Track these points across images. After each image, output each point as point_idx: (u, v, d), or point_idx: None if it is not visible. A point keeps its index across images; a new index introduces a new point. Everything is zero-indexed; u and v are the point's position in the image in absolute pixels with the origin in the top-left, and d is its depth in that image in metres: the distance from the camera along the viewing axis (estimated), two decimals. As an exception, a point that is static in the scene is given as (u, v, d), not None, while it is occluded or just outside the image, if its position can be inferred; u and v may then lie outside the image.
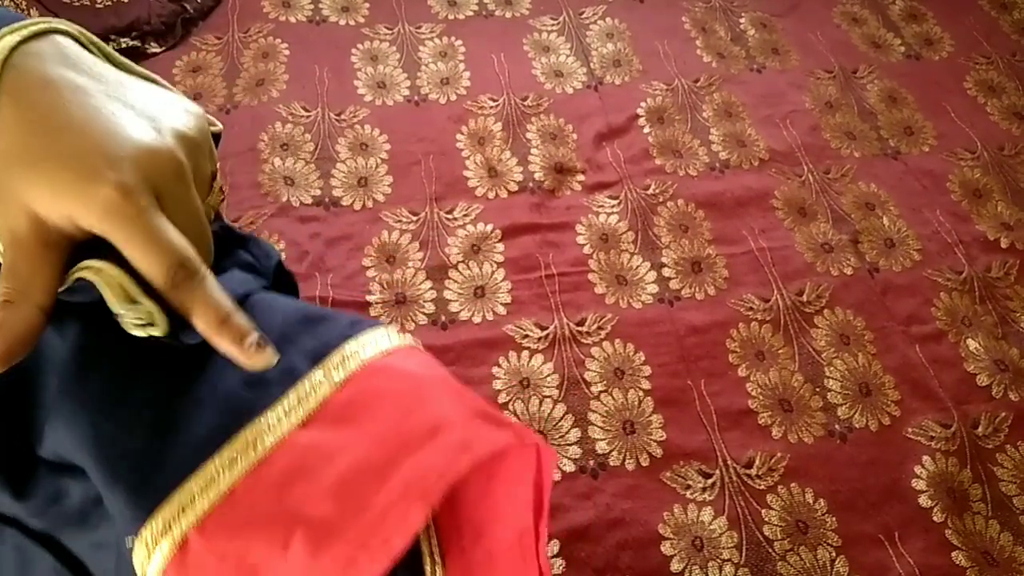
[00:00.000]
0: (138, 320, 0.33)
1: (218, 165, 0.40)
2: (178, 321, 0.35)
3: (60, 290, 0.33)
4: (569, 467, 0.90)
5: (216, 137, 0.39)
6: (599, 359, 0.99)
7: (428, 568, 0.44)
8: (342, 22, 1.37)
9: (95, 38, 0.37)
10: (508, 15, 1.41)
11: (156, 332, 0.33)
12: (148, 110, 0.34)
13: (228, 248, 0.44)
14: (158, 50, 1.28)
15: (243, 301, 0.39)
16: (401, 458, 0.34)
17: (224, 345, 0.33)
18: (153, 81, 0.39)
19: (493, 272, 1.06)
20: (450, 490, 0.34)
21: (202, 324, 0.33)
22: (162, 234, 0.31)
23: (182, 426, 0.34)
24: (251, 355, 0.33)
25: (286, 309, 0.40)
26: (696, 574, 0.84)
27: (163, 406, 0.35)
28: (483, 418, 0.38)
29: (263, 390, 0.35)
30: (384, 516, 0.33)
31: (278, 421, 0.34)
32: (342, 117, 1.22)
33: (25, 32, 0.32)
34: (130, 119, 0.33)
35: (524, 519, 0.44)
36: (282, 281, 0.51)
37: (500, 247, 1.08)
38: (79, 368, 0.34)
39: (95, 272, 0.33)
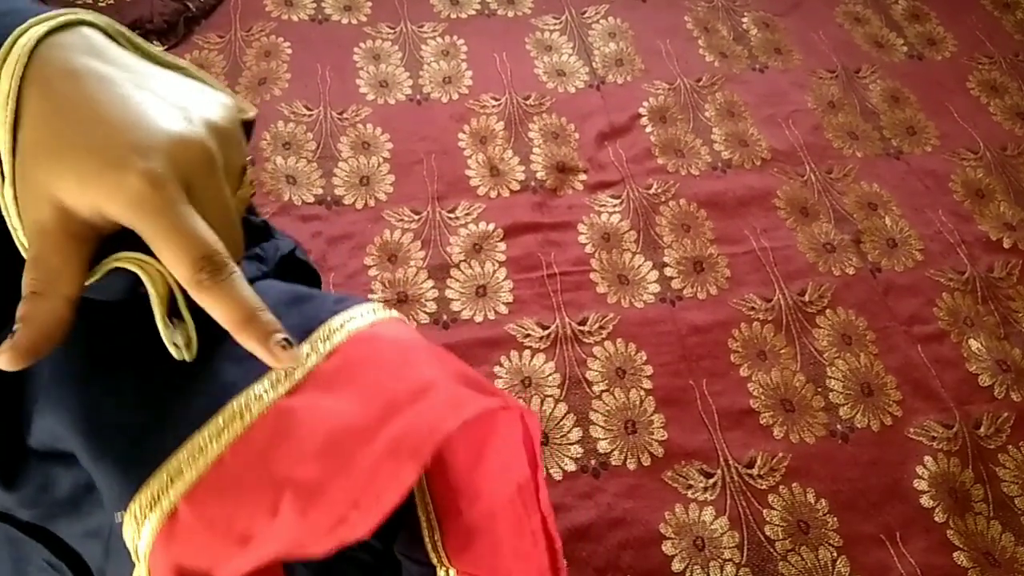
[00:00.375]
0: (176, 341, 0.32)
1: (249, 157, 0.40)
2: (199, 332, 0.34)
3: (88, 282, 0.32)
4: (571, 466, 0.90)
5: (249, 126, 0.38)
6: (601, 358, 0.99)
7: (426, 534, 0.44)
8: (344, 21, 1.37)
9: (123, 28, 0.36)
10: (510, 14, 1.41)
11: (186, 356, 0.33)
12: (178, 100, 0.33)
13: (270, 238, 0.45)
14: (160, 49, 1.28)
15: None
16: (388, 418, 0.34)
17: (250, 343, 0.32)
18: (184, 70, 0.38)
19: (495, 271, 1.06)
20: (440, 454, 0.35)
21: (227, 320, 0.32)
22: (190, 226, 0.31)
23: (170, 400, 0.34)
24: (277, 353, 0.32)
25: (276, 292, 0.40)
26: (697, 574, 0.84)
27: (148, 377, 0.35)
28: (469, 383, 0.39)
29: (251, 364, 0.34)
30: (374, 473, 0.32)
31: (265, 392, 0.34)
32: (344, 116, 1.22)
33: (52, 23, 0.32)
34: (159, 108, 0.32)
35: (521, 472, 0.44)
36: (295, 271, 0.51)
37: (502, 246, 1.08)
38: (66, 349, 0.33)
39: (138, 264, 0.32)
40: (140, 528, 0.32)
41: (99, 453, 0.33)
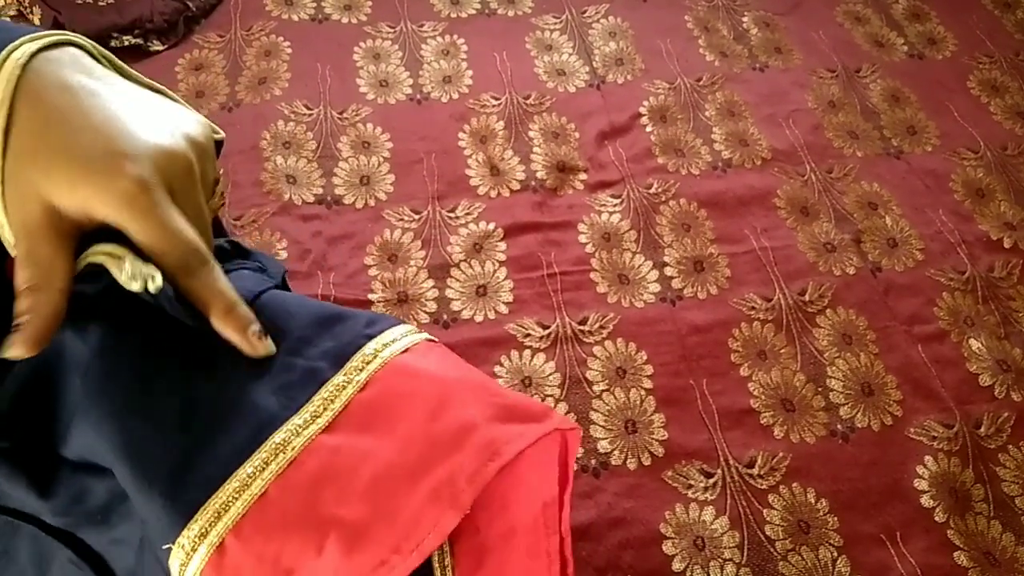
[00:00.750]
0: (136, 275, 0.34)
1: (220, 171, 0.41)
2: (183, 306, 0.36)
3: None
4: (571, 466, 0.90)
5: (218, 145, 0.42)
6: (601, 358, 0.99)
7: (435, 558, 0.44)
8: (344, 20, 1.37)
9: (106, 51, 0.39)
10: (510, 13, 1.41)
11: (152, 286, 0.34)
12: (161, 115, 0.37)
13: (237, 258, 0.45)
14: (160, 48, 1.28)
15: (256, 299, 0.40)
16: (430, 462, 0.35)
17: (229, 332, 0.36)
18: (161, 92, 0.41)
19: (495, 271, 1.06)
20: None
21: (211, 308, 0.35)
22: (176, 224, 0.34)
23: (213, 432, 0.35)
24: (253, 343, 0.36)
25: (300, 310, 0.41)
26: (697, 574, 0.84)
27: (190, 409, 0.36)
28: (508, 415, 0.39)
29: (289, 395, 0.36)
30: (417, 520, 0.34)
31: (305, 425, 0.36)
32: (344, 115, 1.22)
33: (43, 41, 0.34)
34: (145, 121, 0.35)
35: (550, 490, 0.45)
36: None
37: (502, 246, 1.08)
38: (103, 372, 0.35)
39: (106, 256, 0.34)
40: (189, 559, 0.33)
41: (145, 484, 0.34)
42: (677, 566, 0.84)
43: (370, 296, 1.02)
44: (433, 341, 0.43)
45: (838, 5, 1.50)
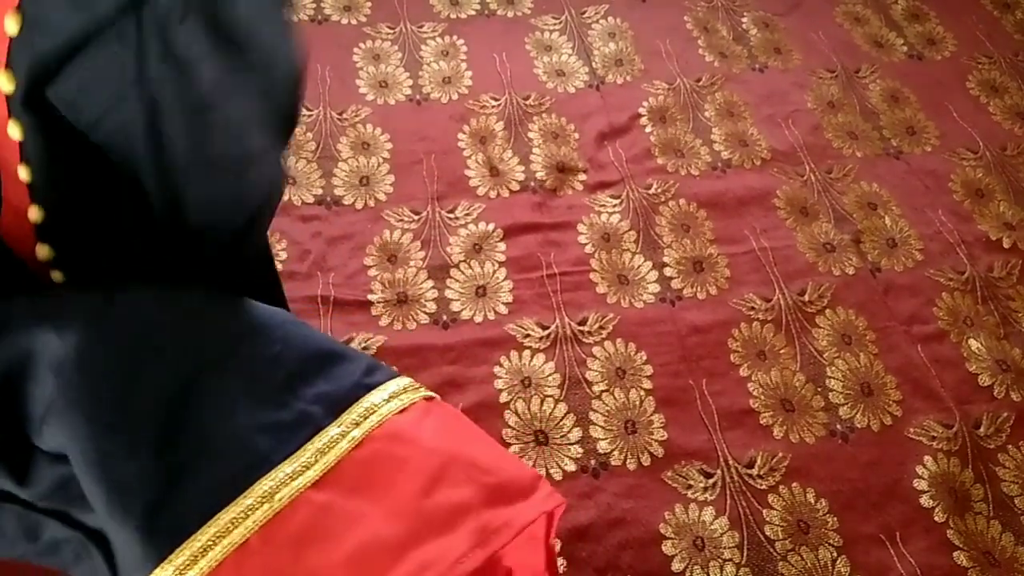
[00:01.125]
0: None
1: None
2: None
3: None
4: (570, 467, 0.90)
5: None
6: (600, 358, 0.99)
7: None
8: (344, 21, 1.37)
9: None
10: (510, 14, 1.41)
11: None
12: None
13: None
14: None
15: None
16: (418, 539, 0.34)
17: None
18: None
19: (495, 271, 1.06)
20: None
21: None
22: None
23: (196, 463, 0.34)
24: None
25: (301, 343, 0.40)
26: (697, 574, 0.84)
27: (172, 430, 0.34)
28: (498, 497, 0.38)
29: (280, 437, 0.35)
30: None
31: (295, 475, 0.34)
32: (344, 116, 1.22)
33: None
34: None
35: (536, 560, 0.44)
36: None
37: (502, 246, 1.08)
38: (80, 376, 0.34)
39: None
40: None
41: (118, 511, 0.33)
42: (677, 566, 0.84)
43: (370, 296, 1.02)
44: (432, 398, 0.42)
45: (838, 6, 1.50)
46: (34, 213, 0.38)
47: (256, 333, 0.37)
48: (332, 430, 0.37)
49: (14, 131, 0.36)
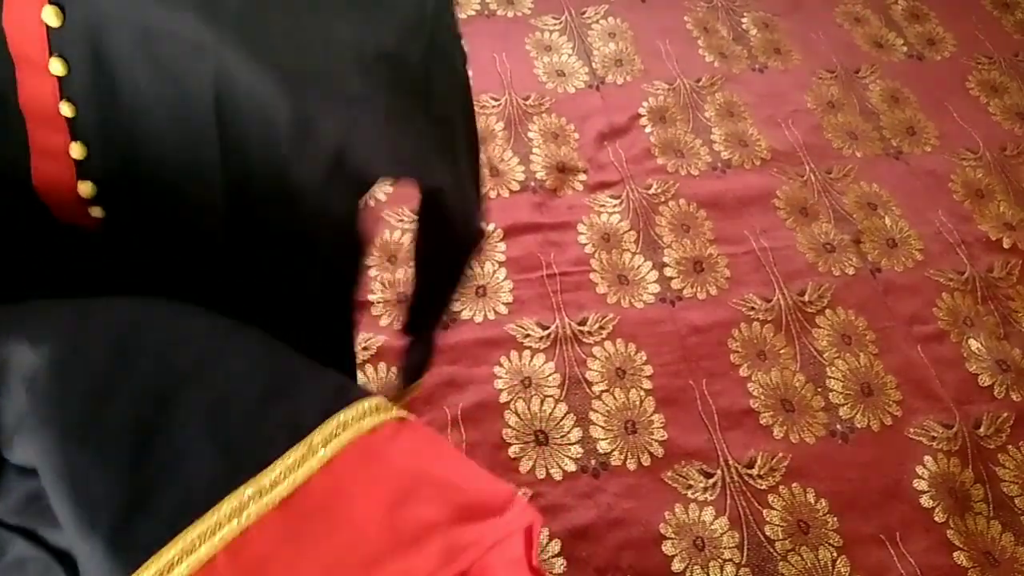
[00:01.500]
0: None
1: None
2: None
3: None
4: (570, 467, 0.90)
5: None
6: (600, 359, 0.99)
7: None
8: (344, 21, 1.37)
9: None
10: (510, 14, 1.41)
11: None
12: None
13: None
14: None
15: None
16: (385, 557, 0.34)
17: None
18: None
19: (495, 271, 1.06)
20: None
21: None
22: None
23: (163, 479, 0.34)
24: None
25: (268, 357, 0.39)
26: (697, 574, 0.84)
27: (143, 446, 0.34)
28: (468, 514, 0.38)
29: (248, 454, 0.35)
30: None
31: (262, 492, 0.34)
32: (344, 116, 1.22)
33: None
34: None
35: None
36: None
37: (502, 246, 1.08)
38: (53, 390, 0.34)
39: None
40: None
41: (85, 525, 0.33)
42: (677, 566, 0.84)
43: (370, 296, 1.02)
44: (403, 419, 0.42)
45: (837, 6, 1.50)
46: (76, 150, 0.38)
47: (230, 348, 0.37)
48: (301, 448, 0.36)
49: (56, 67, 0.35)
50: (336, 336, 0.57)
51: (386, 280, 1.04)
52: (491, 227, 1.10)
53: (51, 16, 0.34)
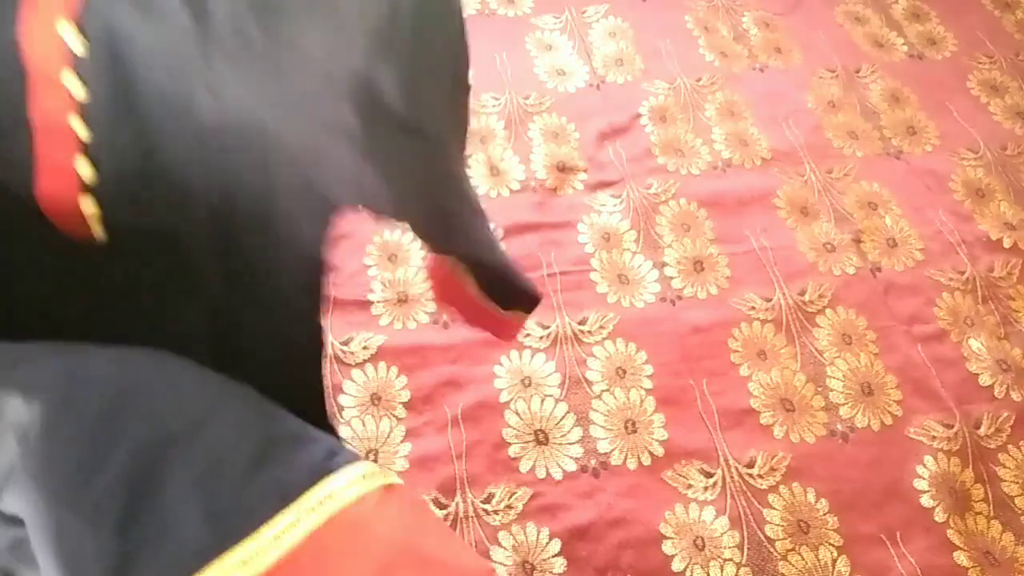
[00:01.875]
0: None
1: None
2: None
3: None
4: (571, 466, 0.90)
5: None
6: (601, 358, 0.99)
7: None
8: (344, 20, 1.37)
9: None
10: (511, 14, 1.41)
11: None
12: None
13: None
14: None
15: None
16: None
17: None
18: None
19: (495, 271, 1.06)
20: None
21: None
22: None
23: (149, 544, 0.34)
24: None
25: (256, 423, 0.39)
26: (697, 574, 0.84)
27: (131, 510, 0.34)
28: None
29: (235, 521, 0.35)
30: None
31: (247, 561, 0.34)
32: (344, 116, 1.22)
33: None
34: None
35: None
36: None
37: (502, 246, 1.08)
38: (43, 446, 0.33)
39: None
40: None
41: None
42: (677, 566, 0.84)
43: (370, 296, 1.02)
44: (392, 486, 0.42)
45: (838, 5, 1.50)
46: (84, 168, 0.38)
47: (222, 408, 0.37)
48: (288, 516, 0.36)
49: (74, 86, 0.35)
50: (308, 386, 0.57)
51: (386, 280, 1.04)
52: (491, 226, 1.10)
53: (69, 33, 0.34)
